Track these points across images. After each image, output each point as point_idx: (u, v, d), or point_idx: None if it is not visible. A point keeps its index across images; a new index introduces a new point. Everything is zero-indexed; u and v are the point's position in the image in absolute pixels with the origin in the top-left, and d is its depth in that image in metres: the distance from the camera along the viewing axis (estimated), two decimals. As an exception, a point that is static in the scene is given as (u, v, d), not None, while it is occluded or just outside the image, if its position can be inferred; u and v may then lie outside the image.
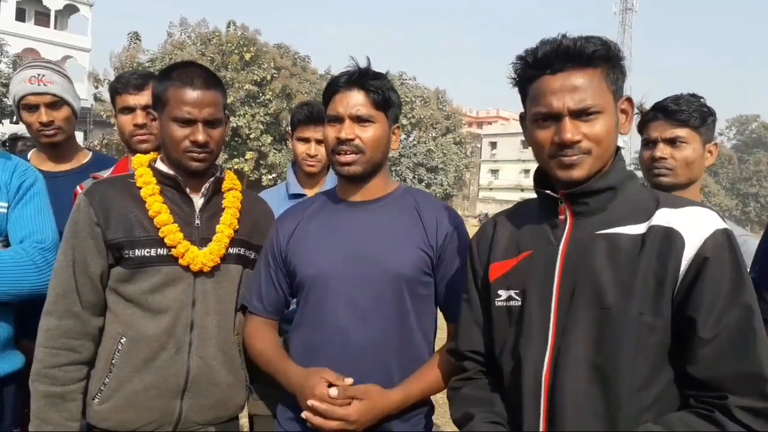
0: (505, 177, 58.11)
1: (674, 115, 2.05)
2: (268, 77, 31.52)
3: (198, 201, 1.81)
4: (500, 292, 1.42)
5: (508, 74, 1.39)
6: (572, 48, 1.28)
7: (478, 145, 56.59)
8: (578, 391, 1.25)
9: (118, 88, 2.38)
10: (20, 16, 38.71)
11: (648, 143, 2.12)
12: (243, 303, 1.86)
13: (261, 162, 32.30)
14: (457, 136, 42.51)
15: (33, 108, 2.38)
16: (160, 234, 1.71)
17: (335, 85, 1.72)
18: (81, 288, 1.70)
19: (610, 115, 1.31)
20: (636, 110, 2.18)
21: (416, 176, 38.93)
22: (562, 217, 1.36)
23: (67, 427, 1.68)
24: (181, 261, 1.72)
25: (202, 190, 1.81)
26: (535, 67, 1.32)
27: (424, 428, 1.73)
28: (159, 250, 1.72)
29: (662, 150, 2.05)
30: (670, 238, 1.23)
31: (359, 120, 1.67)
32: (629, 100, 1.37)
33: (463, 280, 1.60)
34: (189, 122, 1.71)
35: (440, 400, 1.91)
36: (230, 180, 1.92)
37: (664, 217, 1.27)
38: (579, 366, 1.26)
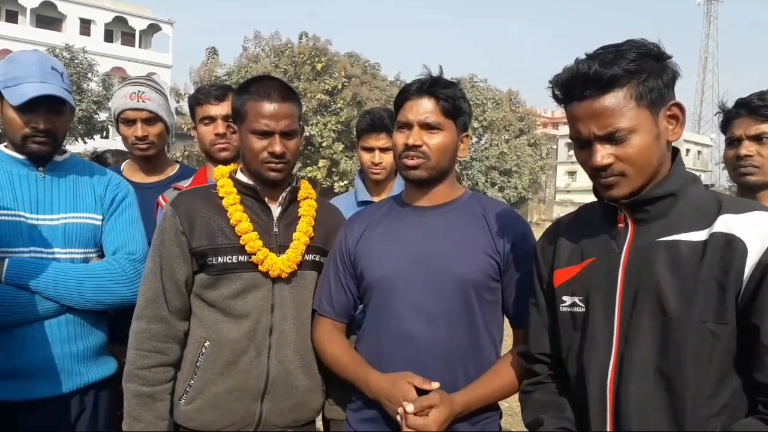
0: (583, 179, 56.39)
1: (759, 110, 1.97)
2: (339, 86, 32.07)
3: (276, 210, 1.88)
4: (564, 297, 1.44)
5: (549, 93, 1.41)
6: (588, 74, 1.27)
7: (554, 147, 55.29)
8: (644, 397, 1.25)
9: (199, 99, 2.49)
10: (108, 37, 41.24)
11: (732, 141, 2.05)
12: (312, 306, 1.90)
13: (333, 169, 32.86)
14: (532, 137, 41.74)
15: (130, 122, 2.54)
16: (241, 242, 1.77)
17: (406, 93, 1.76)
18: (168, 294, 1.77)
19: (644, 131, 1.28)
20: (718, 108, 2.09)
21: (489, 180, 38.47)
22: (621, 225, 1.36)
23: (157, 426, 1.75)
24: (260, 267, 1.78)
25: (279, 199, 1.88)
26: (562, 96, 1.34)
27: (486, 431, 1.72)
28: (240, 257, 1.78)
29: (747, 147, 1.98)
30: (732, 245, 1.20)
31: (427, 127, 1.70)
32: (678, 105, 1.32)
33: (530, 286, 1.61)
34: (267, 134, 1.77)
35: (515, 407, 1.86)
36: (305, 189, 1.97)
37: (725, 222, 1.24)
38: (644, 374, 1.26)
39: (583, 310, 1.38)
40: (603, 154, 1.29)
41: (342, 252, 1.85)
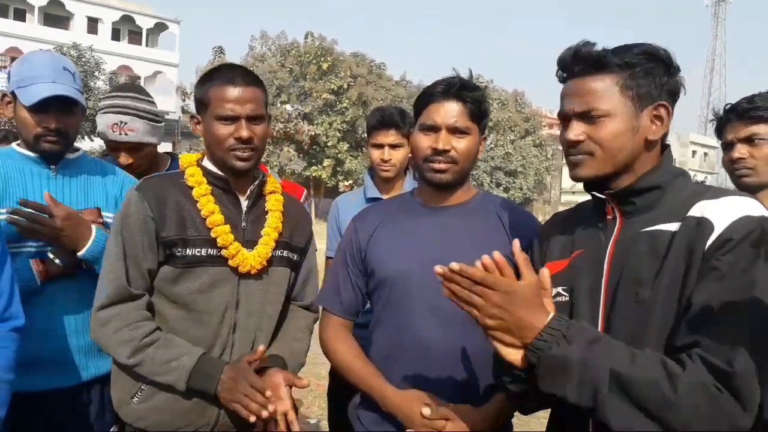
0: (587, 180, 56.11)
1: (747, 113, 2.02)
2: (345, 85, 32.10)
3: (244, 203, 1.82)
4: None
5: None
6: (582, 53, 1.33)
7: (560, 148, 55.05)
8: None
9: None
10: (115, 35, 41.33)
11: (727, 146, 2.10)
12: (320, 303, 1.88)
13: (338, 169, 32.87)
14: (537, 138, 41.67)
15: (114, 148, 2.54)
16: (212, 234, 1.71)
17: (432, 95, 1.71)
18: (133, 283, 1.68)
19: (620, 119, 1.32)
20: (712, 116, 2.15)
21: (494, 180, 38.43)
22: (609, 216, 1.39)
23: (195, 348, 1.66)
24: (231, 262, 1.72)
25: (248, 192, 1.82)
26: (562, 73, 1.40)
27: None
28: (210, 250, 1.71)
29: (739, 150, 2.03)
30: (700, 225, 1.23)
31: (456, 131, 1.68)
32: (665, 106, 1.34)
33: None
34: (232, 119, 1.70)
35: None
36: (271, 183, 1.91)
37: (699, 207, 1.26)
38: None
39: (567, 299, 1.40)
40: (576, 131, 1.34)
41: (353, 248, 1.81)
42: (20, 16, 38.10)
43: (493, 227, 1.71)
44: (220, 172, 1.78)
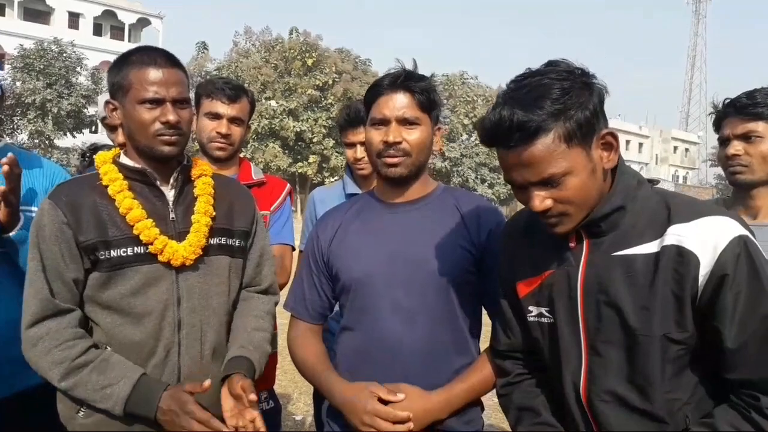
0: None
1: (745, 109, 1.96)
2: (330, 81, 32.02)
3: (169, 193, 1.70)
4: (531, 308, 1.45)
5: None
6: (513, 123, 1.21)
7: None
8: (616, 402, 1.31)
9: (210, 91, 2.37)
10: (97, 31, 40.86)
11: (723, 141, 2.04)
12: (286, 308, 1.86)
13: (324, 165, 32.81)
14: (521, 134, 41.76)
15: (113, 128, 2.51)
16: (134, 231, 1.59)
17: (379, 87, 1.68)
18: (58, 296, 1.56)
19: (579, 171, 1.24)
20: (711, 108, 2.10)
21: (479, 176, 38.57)
22: (572, 244, 1.36)
23: (134, 370, 1.56)
24: (160, 257, 1.60)
25: (171, 180, 1.70)
26: (490, 142, 1.30)
27: (474, 428, 1.71)
28: (136, 248, 1.59)
29: (735, 147, 1.97)
30: (684, 258, 1.22)
31: (405, 122, 1.65)
32: (611, 134, 1.28)
33: None
34: (157, 102, 1.59)
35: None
36: (199, 167, 1.78)
37: (675, 234, 1.24)
38: (613, 381, 1.31)
39: (552, 320, 1.40)
40: (540, 198, 1.26)
41: (315, 252, 1.79)
42: (-1, 10, 37.54)
43: (453, 222, 1.70)
44: (137, 165, 1.66)
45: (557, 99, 1.20)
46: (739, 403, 1.24)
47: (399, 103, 1.64)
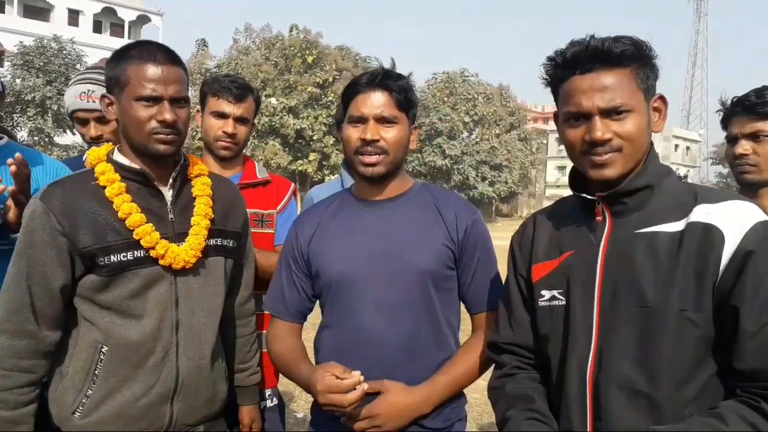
0: (572, 173, 56.37)
1: (755, 108, 1.94)
2: (330, 79, 31.98)
3: (168, 193, 1.68)
4: (543, 292, 1.45)
5: (540, 75, 1.42)
6: (600, 48, 1.29)
7: (545, 142, 55.39)
8: (622, 387, 1.27)
9: (216, 90, 2.37)
10: (97, 28, 40.86)
11: (731, 140, 2.03)
12: (265, 308, 1.87)
13: (324, 163, 32.79)
14: (522, 132, 41.85)
15: (84, 121, 2.45)
16: (135, 236, 1.57)
17: (357, 85, 1.71)
18: (38, 303, 1.55)
19: (641, 114, 1.31)
20: (720, 107, 2.07)
21: (479, 174, 38.54)
22: (599, 218, 1.37)
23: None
24: (161, 262, 1.60)
25: (170, 180, 1.68)
26: (565, 68, 1.35)
27: (458, 419, 1.73)
28: (136, 252, 1.58)
29: (743, 146, 1.96)
30: (709, 233, 1.23)
31: (383, 121, 1.67)
32: (662, 98, 1.36)
33: (486, 271, 1.69)
34: (154, 100, 1.56)
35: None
36: (196, 166, 1.77)
37: (702, 212, 1.26)
38: (623, 363, 1.28)
39: (564, 303, 1.39)
40: (603, 128, 1.30)
41: (294, 251, 1.80)
42: (-1, 7, 37.49)
43: (431, 218, 1.72)
44: (134, 165, 1.63)
45: (638, 44, 1.31)
46: (746, 396, 1.21)
47: (377, 101, 1.67)
